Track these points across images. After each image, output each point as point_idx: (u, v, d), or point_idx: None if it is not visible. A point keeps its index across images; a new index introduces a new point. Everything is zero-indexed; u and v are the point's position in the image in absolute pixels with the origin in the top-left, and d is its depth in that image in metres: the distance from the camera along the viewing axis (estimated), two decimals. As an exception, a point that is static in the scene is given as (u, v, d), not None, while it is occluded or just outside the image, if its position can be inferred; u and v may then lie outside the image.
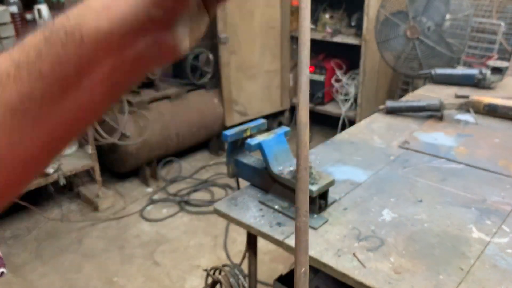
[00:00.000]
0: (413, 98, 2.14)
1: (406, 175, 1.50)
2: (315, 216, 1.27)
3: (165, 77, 3.61)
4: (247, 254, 1.52)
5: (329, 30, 3.81)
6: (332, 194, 1.34)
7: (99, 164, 3.04)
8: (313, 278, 1.47)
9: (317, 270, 1.41)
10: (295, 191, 0.48)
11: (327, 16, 3.88)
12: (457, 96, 2.14)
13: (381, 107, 2.02)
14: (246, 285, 1.54)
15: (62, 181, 2.80)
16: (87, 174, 3.26)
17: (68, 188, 3.22)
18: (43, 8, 2.52)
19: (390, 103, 2.00)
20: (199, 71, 3.52)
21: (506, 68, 2.27)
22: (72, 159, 2.94)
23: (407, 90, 3.34)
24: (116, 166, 3.35)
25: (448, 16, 2.69)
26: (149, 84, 3.36)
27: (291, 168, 1.31)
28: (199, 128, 3.57)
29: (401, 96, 3.21)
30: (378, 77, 3.70)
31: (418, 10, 2.75)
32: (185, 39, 0.37)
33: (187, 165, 3.68)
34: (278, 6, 3.79)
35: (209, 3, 0.38)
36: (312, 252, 1.14)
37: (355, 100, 3.79)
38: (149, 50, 0.35)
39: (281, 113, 4.28)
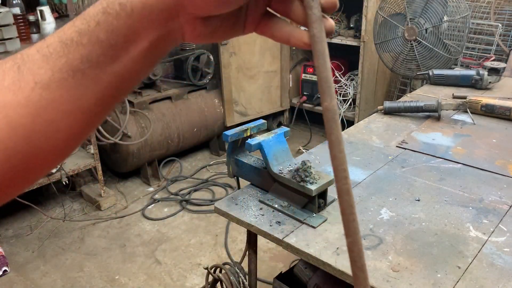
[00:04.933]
0: (411, 98, 2.16)
1: (404, 174, 1.52)
2: (314, 215, 1.29)
3: (166, 78, 3.63)
4: (247, 253, 1.53)
5: (328, 31, 3.83)
6: (331, 193, 1.36)
7: (101, 164, 3.06)
8: (312, 277, 1.49)
9: (316, 268, 1.43)
10: (293, 189, 0.49)
11: (326, 17, 3.89)
12: (455, 97, 2.16)
13: (380, 107, 2.05)
14: (247, 283, 1.56)
15: (65, 181, 2.82)
16: (89, 174, 3.28)
17: (71, 187, 3.24)
18: (46, 9, 2.54)
19: (388, 104, 2.02)
20: (199, 72, 3.54)
21: (503, 69, 2.29)
22: (75, 159, 2.96)
23: (405, 91, 3.36)
24: (118, 166, 3.37)
25: (445, 18, 2.71)
26: (150, 84, 3.38)
27: (291, 168, 1.33)
28: (199, 128, 3.59)
29: (399, 96, 3.23)
30: (377, 78, 3.72)
31: (416, 12, 2.77)
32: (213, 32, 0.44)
33: (188, 164, 3.70)
34: (278, 7, 3.81)
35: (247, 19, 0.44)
36: (311, 251, 1.16)
37: (354, 100, 3.81)
38: (178, 30, 0.43)
39: (281, 113, 4.30)
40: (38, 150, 0.41)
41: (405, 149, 1.71)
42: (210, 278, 1.61)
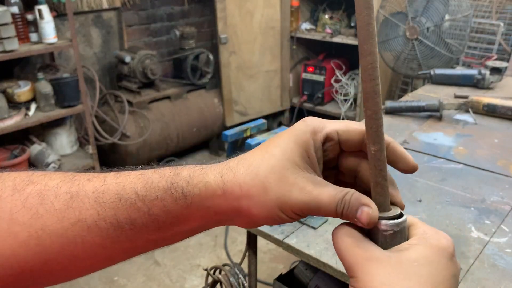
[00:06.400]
0: (412, 98, 2.15)
1: (406, 175, 1.51)
2: (315, 215, 1.28)
3: (165, 77, 3.62)
4: (247, 254, 1.52)
5: (328, 30, 3.82)
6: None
7: (100, 164, 3.05)
8: (312, 278, 1.48)
9: (317, 270, 1.42)
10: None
11: (326, 16, 3.89)
12: (456, 96, 2.15)
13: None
14: (246, 284, 1.54)
15: (63, 181, 2.80)
16: (88, 174, 3.27)
17: (69, 188, 3.22)
18: (44, 8, 2.53)
19: (389, 103, 2.01)
20: (199, 71, 3.53)
21: (505, 68, 2.28)
22: (73, 159, 2.95)
23: (406, 90, 3.35)
24: (117, 166, 3.34)
25: (447, 17, 2.69)
26: (149, 84, 3.37)
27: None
28: (199, 128, 3.57)
29: (400, 96, 3.22)
30: (378, 77, 3.70)
31: (417, 11, 2.75)
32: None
33: (187, 165, 3.69)
34: (278, 7, 3.80)
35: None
36: (311, 252, 1.15)
37: (355, 100, 3.79)
38: (228, 222, 0.45)
39: (281, 113, 4.29)
40: (48, 272, 0.42)
41: (407, 149, 1.69)
42: (210, 279, 1.59)
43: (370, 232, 0.41)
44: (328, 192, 0.41)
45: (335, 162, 0.46)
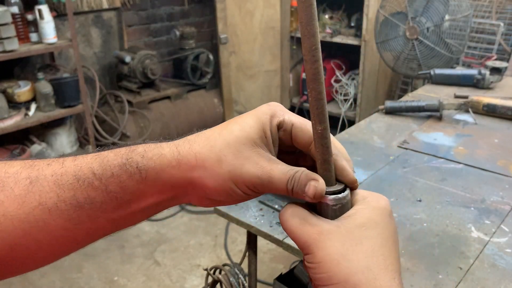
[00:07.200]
0: (412, 98, 2.15)
1: (406, 175, 1.51)
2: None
3: (165, 77, 3.62)
4: (247, 254, 1.52)
5: (328, 30, 3.82)
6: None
7: (100, 164, 3.05)
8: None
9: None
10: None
11: (326, 16, 3.88)
12: (456, 96, 2.15)
13: (381, 107, 2.03)
14: (246, 284, 1.54)
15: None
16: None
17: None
18: (44, 8, 2.53)
19: (389, 103, 2.01)
20: (199, 71, 3.53)
21: (505, 68, 2.28)
22: (73, 159, 2.95)
23: (406, 90, 3.35)
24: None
25: (447, 17, 2.69)
26: (149, 84, 3.37)
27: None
28: (199, 128, 3.51)
29: (400, 96, 3.22)
30: (378, 77, 3.70)
31: (417, 11, 2.75)
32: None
33: (187, 165, 3.68)
34: (278, 7, 3.80)
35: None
36: (312, 252, 1.15)
37: (355, 100, 3.79)
38: (185, 198, 0.45)
39: (281, 113, 4.29)
40: (15, 258, 0.42)
41: (407, 149, 1.69)
42: (210, 279, 1.59)
43: (320, 208, 0.43)
44: (280, 169, 0.42)
45: (294, 147, 0.48)
